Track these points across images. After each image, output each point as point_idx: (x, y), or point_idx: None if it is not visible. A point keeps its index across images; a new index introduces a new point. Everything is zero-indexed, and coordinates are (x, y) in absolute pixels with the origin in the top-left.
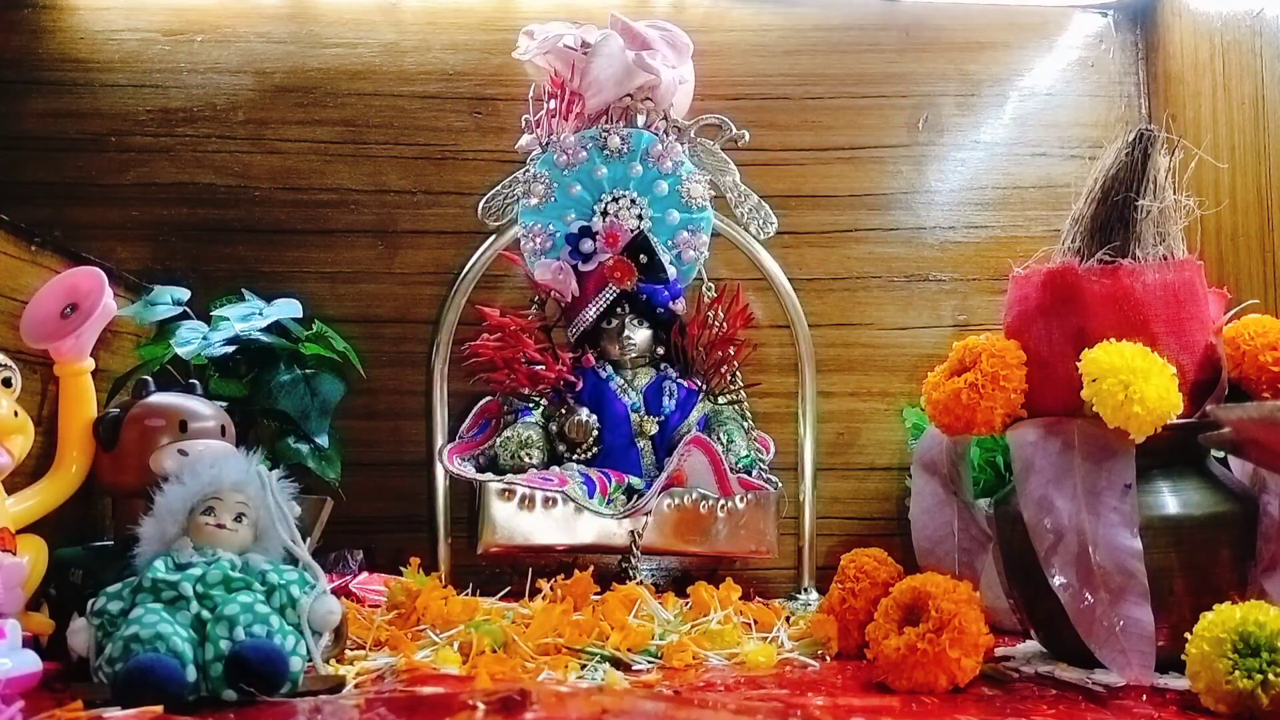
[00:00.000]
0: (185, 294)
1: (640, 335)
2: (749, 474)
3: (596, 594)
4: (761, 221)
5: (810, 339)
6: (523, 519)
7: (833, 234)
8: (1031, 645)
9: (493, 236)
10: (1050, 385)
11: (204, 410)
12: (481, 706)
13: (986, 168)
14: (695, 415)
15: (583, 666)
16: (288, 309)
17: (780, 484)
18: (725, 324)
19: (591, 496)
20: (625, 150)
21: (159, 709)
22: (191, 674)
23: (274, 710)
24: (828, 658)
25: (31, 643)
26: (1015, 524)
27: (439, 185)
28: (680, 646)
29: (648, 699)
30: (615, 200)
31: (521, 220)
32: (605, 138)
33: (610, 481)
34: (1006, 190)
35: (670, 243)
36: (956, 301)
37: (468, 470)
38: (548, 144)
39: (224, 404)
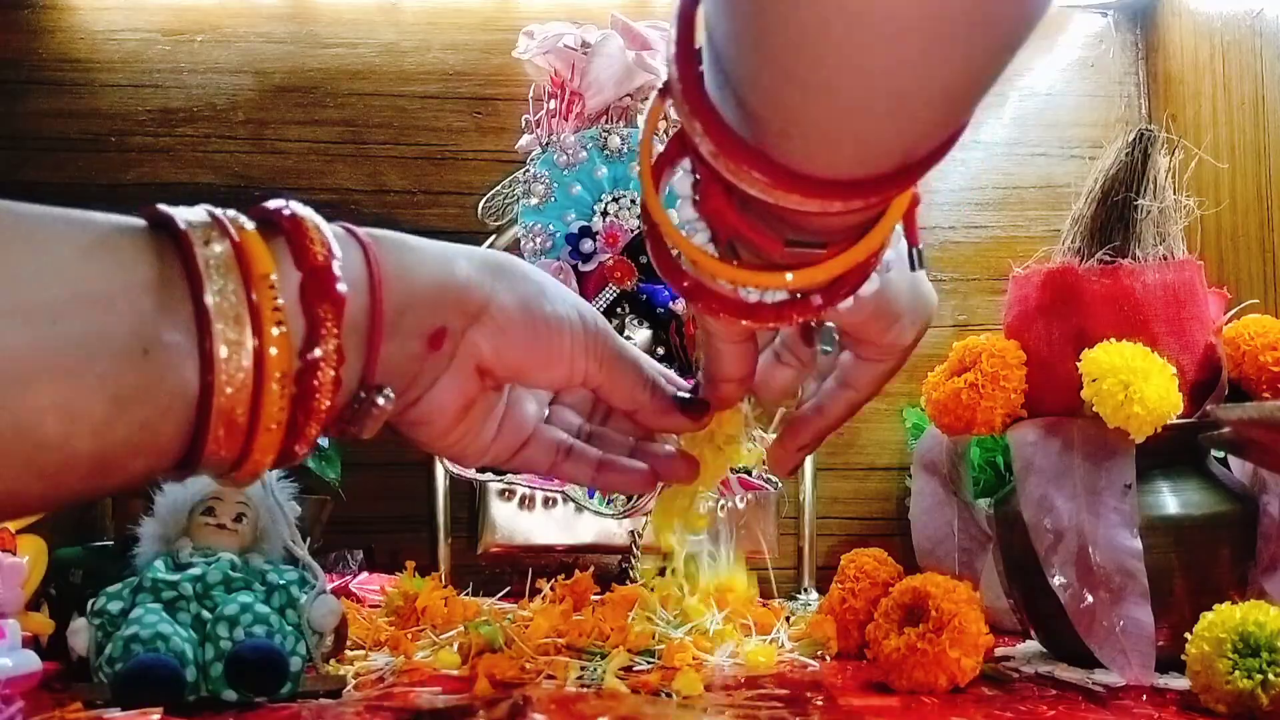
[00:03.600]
0: None
1: (640, 335)
2: (749, 474)
3: (596, 594)
4: None
5: None
6: (523, 519)
7: None
8: (1031, 645)
9: (493, 236)
10: (1050, 385)
11: None
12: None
13: (986, 168)
14: None
15: (583, 667)
16: None
17: (780, 484)
18: None
19: (591, 496)
20: (625, 150)
21: (159, 709)
22: (191, 674)
23: (274, 711)
24: (828, 658)
25: (31, 643)
26: (1015, 524)
27: (439, 185)
28: (680, 646)
29: (650, 706)
30: (615, 200)
31: (521, 220)
32: (605, 138)
33: None
34: (1006, 190)
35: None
36: (956, 301)
37: (468, 470)
38: (548, 144)
39: None
